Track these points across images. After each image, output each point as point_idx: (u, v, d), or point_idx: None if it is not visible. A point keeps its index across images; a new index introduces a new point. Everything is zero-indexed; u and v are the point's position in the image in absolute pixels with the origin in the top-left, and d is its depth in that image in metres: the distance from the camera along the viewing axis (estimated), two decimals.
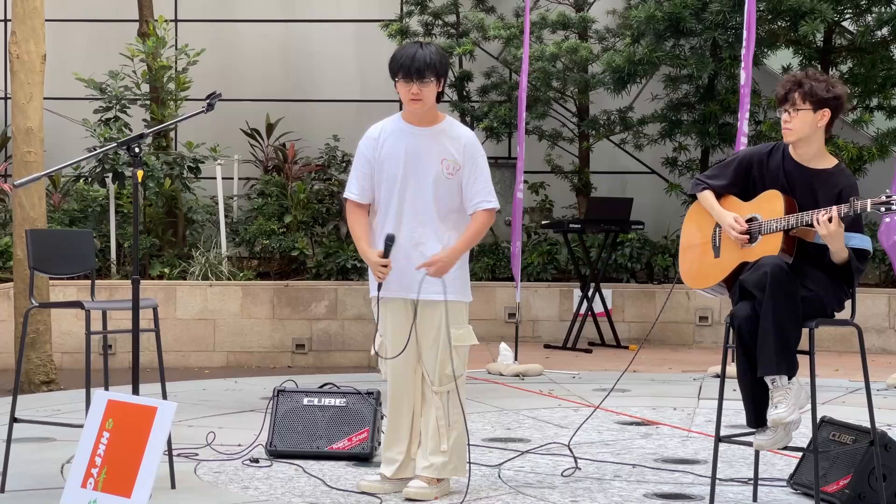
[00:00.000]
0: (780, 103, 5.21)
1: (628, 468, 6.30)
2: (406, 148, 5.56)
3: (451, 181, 5.54)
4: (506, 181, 13.56)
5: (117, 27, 13.63)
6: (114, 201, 12.03)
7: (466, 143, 5.59)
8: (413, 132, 5.59)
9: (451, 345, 5.52)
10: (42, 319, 9.34)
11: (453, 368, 5.53)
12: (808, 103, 5.13)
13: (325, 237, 12.42)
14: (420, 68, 5.44)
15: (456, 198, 5.58)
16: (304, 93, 14.38)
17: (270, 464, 6.30)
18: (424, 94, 5.49)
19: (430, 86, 5.49)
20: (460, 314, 5.61)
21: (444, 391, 5.55)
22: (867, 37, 12.42)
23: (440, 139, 5.57)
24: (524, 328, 11.77)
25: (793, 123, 5.17)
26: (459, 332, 5.56)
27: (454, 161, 5.54)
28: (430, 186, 5.52)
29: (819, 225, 5.00)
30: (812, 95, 5.13)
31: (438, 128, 5.60)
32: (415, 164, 5.54)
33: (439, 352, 5.54)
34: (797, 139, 5.20)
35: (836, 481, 5.39)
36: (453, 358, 5.53)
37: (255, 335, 11.50)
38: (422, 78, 5.45)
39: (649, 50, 12.15)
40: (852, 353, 11.17)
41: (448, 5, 13.45)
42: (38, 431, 6.80)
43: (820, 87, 5.15)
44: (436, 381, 5.55)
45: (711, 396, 8.41)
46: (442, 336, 5.53)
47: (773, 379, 5.00)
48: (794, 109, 5.15)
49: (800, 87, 5.15)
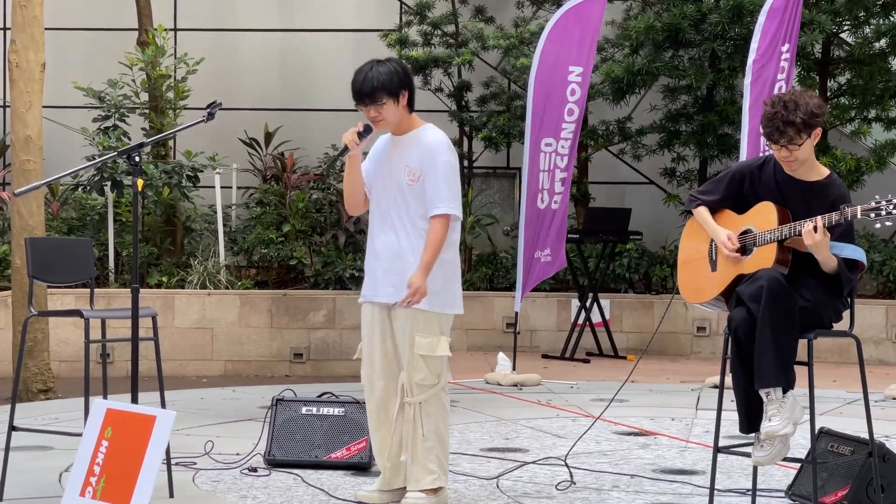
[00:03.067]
0: (772, 141, 5.15)
1: (626, 479, 6.30)
2: (382, 157, 5.63)
3: (414, 188, 5.49)
4: (505, 191, 13.59)
5: (116, 36, 13.65)
6: (112, 210, 12.03)
7: (425, 148, 5.51)
8: (391, 141, 5.65)
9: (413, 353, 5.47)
10: (40, 328, 9.34)
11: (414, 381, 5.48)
12: (803, 135, 5.12)
13: (324, 246, 12.42)
14: (369, 92, 5.47)
15: (415, 204, 5.52)
16: (302, 102, 14.39)
17: (269, 473, 6.30)
18: (384, 114, 5.50)
19: (387, 105, 5.48)
20: (430, 323, 5.50)
21: (414, 402, 5.50)
22: (865, 48, 12.45)
23: (407, 146, 5.56)
24: (522, 338, 11.77)
25: (794, 154, 5.16)
26: (426, 340, 5.47)
27: (415, 167, 5.50)
28: (398, 194, 5.53)
29: (804, 235, 5.02)
30: (805, 127, 5.09)
31: (409, 135, 5.59)
32: (387, 172, 5.58)
33: (406, 360, 5.51)
34: (801, 167, 5.21)
35: (834, 492, 5.40)
36: (420, 368, 5.46)
37: (253, 344, 11.50)
38: (374, 101, 5.48)
39: (648, 60, 12.16)
40: (850, 364, 11.17)
41: (447, 15, 13.46)
42: (37, 440, 6.79)
43: (806, 114, 5.08)
44: (407, 391, 5.51)
45: (710, 407, 8.40)
46: (408, 343, 5.51)
47: (768, 392, 5.00)
48: (794, 145, 5.13)
49: (791, 125, 5.07)
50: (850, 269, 5.15)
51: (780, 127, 5.09)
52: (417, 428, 5.49)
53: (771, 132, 5.13)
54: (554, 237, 10.23)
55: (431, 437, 5.51)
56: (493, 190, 13.83)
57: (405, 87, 5.52)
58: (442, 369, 5.54)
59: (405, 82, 5.54)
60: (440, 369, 5.53)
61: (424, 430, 5.49)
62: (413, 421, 5.49)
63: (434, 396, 5.51)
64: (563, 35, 10.07)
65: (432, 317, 5.50)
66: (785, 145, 5.13)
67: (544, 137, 10.06)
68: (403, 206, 5.51)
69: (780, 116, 5.10)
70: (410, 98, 5.56)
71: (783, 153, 5.16)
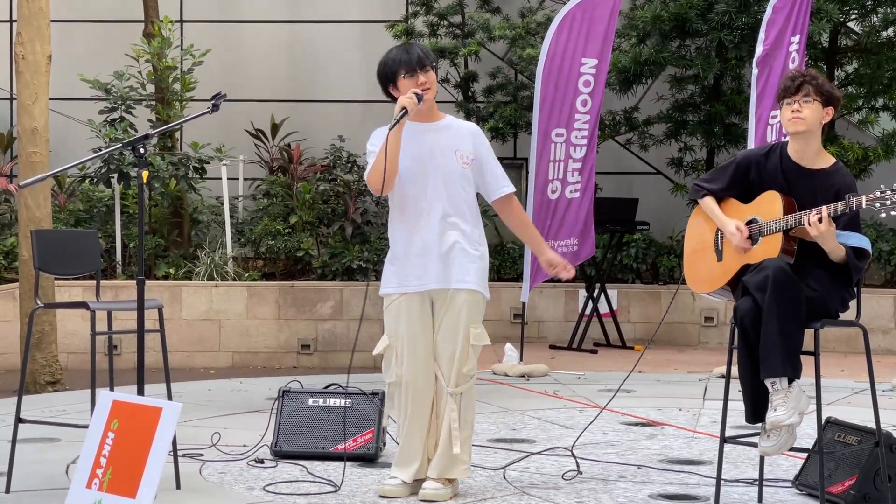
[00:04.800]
0: (788, 94, 5.19)
1: (633, 469, 6.30)
2: (420, 146, 5.57)
3: (466, 171, 5.59)
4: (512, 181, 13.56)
5: (123, 28, 13.65)
6: (119, 202, 12.04)
7: (474, 133, 5.69)
8: (423, 129, 5.60)
9: (469, 342, 5.50)
10: (47, 320, 9.35)
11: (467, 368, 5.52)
12: (819, 97, 5.16)
13: (331, 238, 12.42)
14: (420, 57, 5.54)
15: (470, 189, 5.63)
16: (309, 93, 14.39)
17: (275, 464, 6.31)
18: (431, 81, 5.56)
19: (432, 74, 5.58)
20: (479, 311, 5.57)
21: (458, 392, 5.53)
22: (873, 37, 12.42)
23: (449, 133, 5.63)
24: (529, 329, 11.77)
25: (804, 113, 5.17)
26: (477, 330, 5.54)
27: (466, 151, 5.60)
28: (448, 180, 5.54)
29: (809, 226, 5.01)
30: (823, 91, 5.17)
31: (441, 123, 5.66)
32: (430, 160, 5.55)
33: (458, 350, 5.50)
34: (805, 130, 5.19)
35: (841, 482, 5.39)
36: (471, 358, 5.52)
37: (261, 336, 11.50)
38: (423, 66, 5.53)
39: (655, 50, 12.15)
40: (857, 353, 11.17)
41: (453, 6, 13.44)
42: (44, 432, 6.81)
43: (829, 85, 5.22)
44: (451, 382, 5.52)
45: (716, 397, 8.39)
46: (461, 333, 5.50)
47: (774, 381, 5.00)
48: (806, 100, 5.15)
49: (812, 80, 5.18)
50: (859, 257, 5.14)
51: (800, 82, 5.17)
52: (457, 418, 5.51)
53: (789, 85, 5.21)
54: (581, 226, 10.25)
55: (468, 428, 5.57)
56: None
57: (435, 70, 5.67)
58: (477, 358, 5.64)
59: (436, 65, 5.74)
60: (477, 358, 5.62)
61: (462, 421, 5.53)
62: (456, 411, 5.51)
63: (473, 386, 5.58)
64: (573, 26, 10.04)
65: (481, 303, 5.58)
66: (798, 100, 5.15)
67: (555, 128, 10.04)
68: (452, 189, 5.54)
69: (801, 74, 5.22)
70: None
71: (793, 108, 5.17)
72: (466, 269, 5.52)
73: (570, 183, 10.17)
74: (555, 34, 10.01)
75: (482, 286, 5.58)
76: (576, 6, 10.06)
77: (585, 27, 10.08)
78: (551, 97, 10.01)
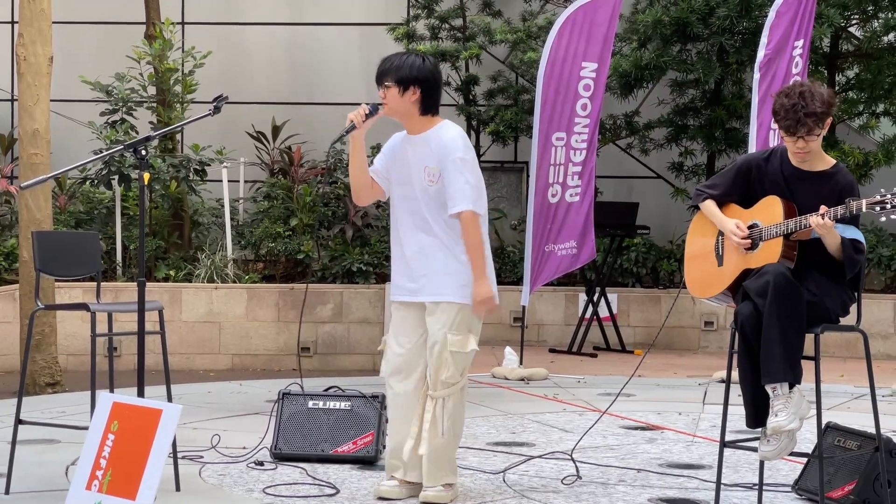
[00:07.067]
0: (791, 133, 5.12)
1: (633, 473, 6.30)
2: (400, 158, 5.59)
3: (433, 188, 5.47)
4: (512, 185, 13.58)
5: (124, 29, 13.65)
6: (120, 204, 12.04)
7: (440, 147, 5.46)
8: (407, 141, 5.60)
9: (447, 348, 5.48)
10: (47, 321, 9.35)
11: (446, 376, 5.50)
12: (822, 124, 5.11)
13: (331, 240, 12.42)
14: (380, 72, 5.49)
15: (438, 204, 5.50)
16: (310, 96, 14.39)
17: (275, 467, 6.31)
18: (387, 97, 5.47)
19: (391, 91, 5.45)
20: (462, 318, 5.52)
21: (438, 397, 5.52)
22: (874, 42, 12.43)
23: (425, 146, 5.51)
24: (529, 332, 11.77)
25: (809, 146, 5.15)
26: (457, 337, 5.49)
27: (433, 168, 5.47)
28: (419, 195, 5.51)
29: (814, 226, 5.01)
30: (824, 116, 5.08)
31: (424, 136, 5.54)
32: (406, 173, 5.55)
33: (434, 356, 5.50)
34: (811, 157, 5.20)
35: (840, 487, 5.39)
36: (449, 365, 5.48)
37: (261, 338, 11.50)
38: (380, 82, 5.48)
39: (656, 55, 12.16)
40: (857, 358, 11.17)
41: (455, 9, 13.45)
42: (43, 433, 6.81)
43: (823, 103, 5.08)
44: (431, 386, 5.53)
45: (716, 401, 8.40)
46: (438, 341, 5.49)
47: (775, 387, 5.00)
48: (812, 136, 5.11)
49: (812, 115, 5.05)
50: (856, 251, 5.13)
51: (802, 118, 5.06)
52: (437, 424, 5.50)
53: (791, 124, 5.09)
54: (581, 230, 10.25)
55: (449, 435, 5.52)
56: (500, 184, 13.81)
57: (418, 84, 5.44)
58: (466, 366, 5.55)
59: (420, 80, 5.45)
60: (465, 366, 5.54)
61: (444, 428, 5.50)
62: (434, 417, 5.49)
63: (458, 392, 5.53)
64: (574, 30, 10.04)
65: (466, 310, 5.49)
66: (803, 136, 5.11)
67: (555, 132, 10.05)
68: (424, 205, 5.50)
69: (800, 107, 5.06)
70: (425, 98, 5.47)
71: (800, 144, 5.14)
72: (441, 280, 5.49)
73: (571, 186, 10.17)
74: (556, 38, 10.02)
75: (458, 295, 5.49)
76: (577, 10, 10.06)
77: (586, 31, 10.08)
78: (552, 101, 10.02)
